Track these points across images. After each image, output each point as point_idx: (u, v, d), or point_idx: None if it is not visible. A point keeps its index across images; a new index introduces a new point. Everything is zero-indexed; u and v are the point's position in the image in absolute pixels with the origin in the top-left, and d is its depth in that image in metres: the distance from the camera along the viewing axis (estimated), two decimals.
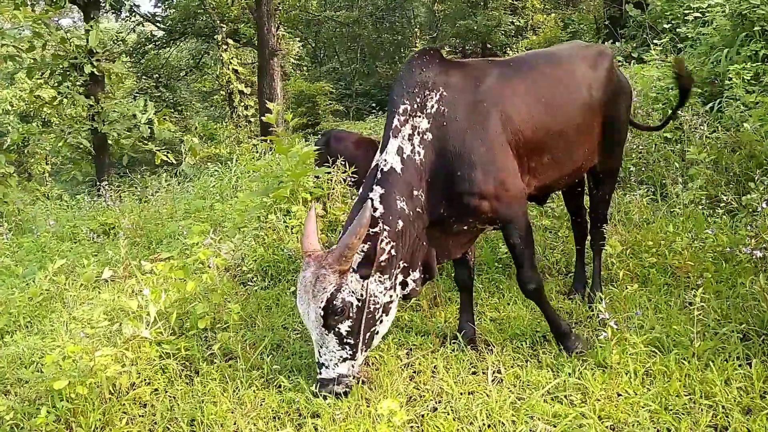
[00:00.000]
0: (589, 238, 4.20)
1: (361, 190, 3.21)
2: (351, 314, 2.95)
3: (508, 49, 20.45)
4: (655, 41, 8.77)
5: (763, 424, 2.56)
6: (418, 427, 2.82)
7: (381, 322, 3.11)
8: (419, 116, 3.17)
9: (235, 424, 2.92)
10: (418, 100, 3.19)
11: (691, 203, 5.06)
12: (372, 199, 3.05)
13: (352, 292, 2.95)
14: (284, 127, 7.53)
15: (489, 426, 2.75)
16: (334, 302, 2.90)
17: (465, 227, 3.29)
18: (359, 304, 2.97)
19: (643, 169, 6.08)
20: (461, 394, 3.03)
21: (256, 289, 4.53)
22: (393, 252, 3.07)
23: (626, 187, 5.78)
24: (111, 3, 12.53)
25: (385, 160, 3.12)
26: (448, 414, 2.88)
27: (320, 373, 3.00)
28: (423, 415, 2.88)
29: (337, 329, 2.95)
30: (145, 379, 3.29)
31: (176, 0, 21.68)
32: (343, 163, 5.43)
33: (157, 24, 21.30)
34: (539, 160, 3.39)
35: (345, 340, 2.97)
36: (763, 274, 3.46)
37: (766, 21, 6.68)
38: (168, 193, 9.13)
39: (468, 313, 3.61)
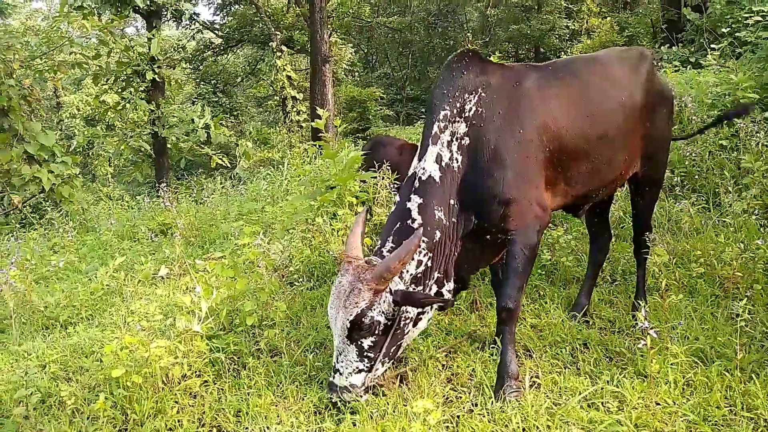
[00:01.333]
0: (633, 246, 4.15)
1: (397, 197, 3.21)
2: (377, 332, 2.96)
3: (562, 53, 20.15)
4: (713, 46, 8.55)
5: None
6: (453, 427, 2.88)
7: (408, 334, 3.12)
8: (458, 121, 3.14)
9: (278, 417, 3.05)
10: (458, 104, 3.16)
11: (744, 213, 4.93)
12: (410, 210, 3.05)
13: (383, 312, 2.95)
14: (333, 133, 7.71)
15: (524, 429, 2.79)
16: (363, 319, 2.90)
17: (490, 236, 3.22)
18: (387, 323, 2.98)
19: (696, 177, 5.94)
20: None
21: (302, 289, 4.68)
22: (429, 263, 3.06)
23: (677, 196, 5.67)
24: (172, 12, 13.05)
25: (424, 168, 3.09)
26: (484, 416, 2.93)
27: (333, 377, 3.03)
28: (459, 416, 2.94)
29: (359, 342, 2.96)
30: (195, 371, 3.46)
31: (234, 8, 22.37)
32: (388, 168, 5.54)
33: (216, 32, 22.03)
34: (577, 168, 3.35)
35: (365, 353, 2.98)
36: None
37: None
38: (222, 195, 9.45)
39: None
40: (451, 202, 3.09)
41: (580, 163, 3.36)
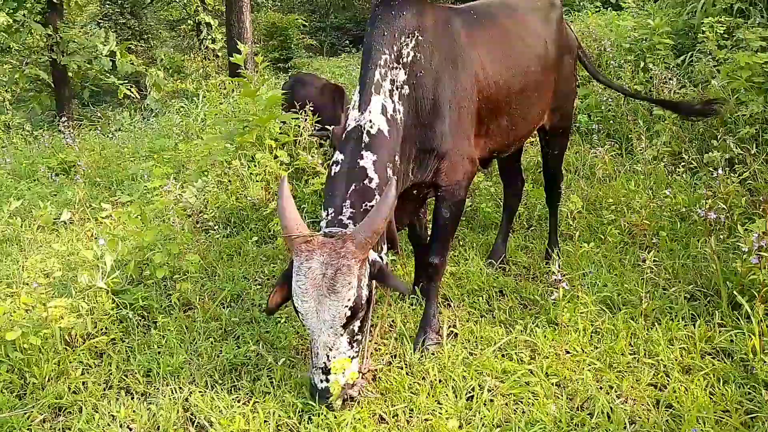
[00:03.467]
0: (545, 195, 4.22)
1: (339, 154, 2.80)
2: (365, 309, 2.62)
3: None
4: None
5: (700, 384, 2.68)
6: (371, 381, 2.88)
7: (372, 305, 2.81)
8: (396, 67, 2.87)
9: (191, 375, 2.94)
10: (395, 48, 2.86)
11: (654, 160, 5.11)
12: (365, 168, 2.71)
13: (367, 284, 2.61)
14: (252, 68, 7.28)
15: (440, 381, 2.83)
16: (359, 299, 2.52)
17: (417, 191, 3.11)
18: (368, 295, 2.64)
19: (611, 122, 6.09)
20: None
21: (218, 237, 4.49)
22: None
23: (592, 143, 5.81)
24: None
25: (371, 121, 2.76)
26: (402, 368, 2.94)
27: (327, 381, 2.56)
28: (377, 369, 2.94)
29: (351, 328, 2.57)
30: (101, 329, 3.28)
31: None
32: (311, 109, 5.30)
33: None
34: (498, 122, 3.28)
35: (354, 338, 2.61)
36: (714, 236, 3.55)
37: None
38: (130, 130, 8.87)
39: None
40: (396, 158, 2.83)
41: (501, 116, 3.30)
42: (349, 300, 2.48)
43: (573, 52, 3.91)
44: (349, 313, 2.49)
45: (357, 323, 2.60)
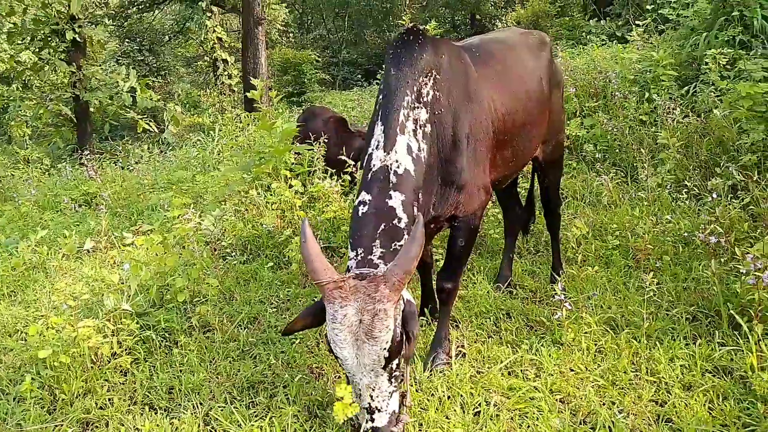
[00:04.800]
0: (545, 222, 4.39)
1: (366, 194, 2.78)
2: (400, 344, 2.57)
3: (497, 21, 20.33)
4: (637, 22, 8.87)
5: (700, 400, 2.77)
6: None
7: None
8: (417, 107, 2.93)
9: (211, 392, 3.09)
10: (415, 88, 2.93)
11: (658, 187, 5.24)
12: (394, 208, 2.72)
13: (399, 323, 2.57)
14: (267, 102, 7.56)
15: (449, 397, 2.94)
16: (396, 340, 2.50)
17: (434, 225, 3.14)
18: (401, 330, 2.61)
19: (617, 151, 6.24)
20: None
21: (235, 263, 4.67)
22: None
23: (598, 171, 5.96)
24: None
25: (398, 161, 2.79)
26: (411, 386, 3.06)
27: (373, 420, 2.53)
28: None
29: (390, 367, 2.54)
30: (126, 349, 3.44)
31: None
32: (326, 141, 5.52)
33: None
34: (502, 154, 3.43)
35: (394, 374, 2.57)
36: (715, 260, 3.66)
37: (744, 6, 6.80)
38: (149, 163, 9.15)
39: (432, 291, 3.70)
40: (420, 195, 2.87)
41: (505, 149, 3.44)
42: (387, 343, 2.45)
43: (561, 87, 4.14)
44: (387, 355, 2.47)
45: (395, 361, 2.55)
